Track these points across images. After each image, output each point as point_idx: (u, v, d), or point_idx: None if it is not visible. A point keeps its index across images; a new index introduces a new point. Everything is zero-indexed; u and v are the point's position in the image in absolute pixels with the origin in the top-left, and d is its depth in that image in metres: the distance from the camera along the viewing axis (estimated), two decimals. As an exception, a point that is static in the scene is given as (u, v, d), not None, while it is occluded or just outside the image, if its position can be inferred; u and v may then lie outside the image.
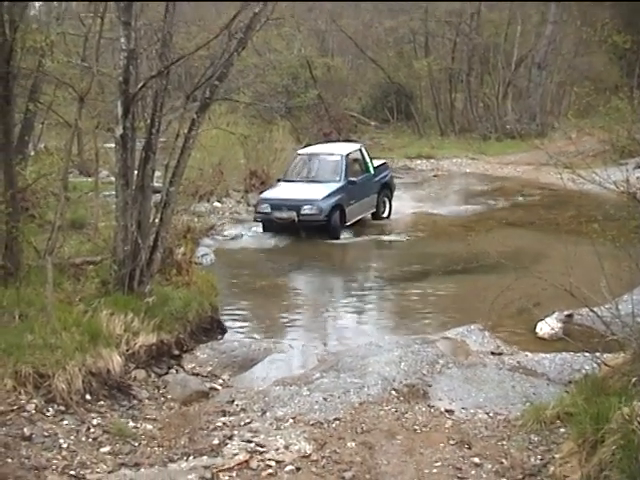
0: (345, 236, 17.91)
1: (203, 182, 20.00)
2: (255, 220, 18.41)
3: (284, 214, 17.52)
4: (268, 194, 18.54)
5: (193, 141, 10.36)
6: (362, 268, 16.17)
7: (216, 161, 20.95)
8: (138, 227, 9.86)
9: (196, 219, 16.41)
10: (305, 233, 17.42)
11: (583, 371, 8.55)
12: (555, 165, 9.19)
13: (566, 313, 10.72)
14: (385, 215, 20.14)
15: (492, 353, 9.87)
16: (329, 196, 17.64)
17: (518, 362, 9.44)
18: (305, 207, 17.39)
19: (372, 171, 19.59)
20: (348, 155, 19.08)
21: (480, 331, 10.70)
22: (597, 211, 8.34)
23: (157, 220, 10.23)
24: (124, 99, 9.48)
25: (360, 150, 19.91)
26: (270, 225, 18.02)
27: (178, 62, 10.85)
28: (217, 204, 20.69)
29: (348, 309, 12.76)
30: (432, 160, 31.37)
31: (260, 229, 18.39)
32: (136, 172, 10.03)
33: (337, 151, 19.71)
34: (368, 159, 19.76)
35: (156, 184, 11.29)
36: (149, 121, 10.01)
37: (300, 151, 20.68)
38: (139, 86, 9.61)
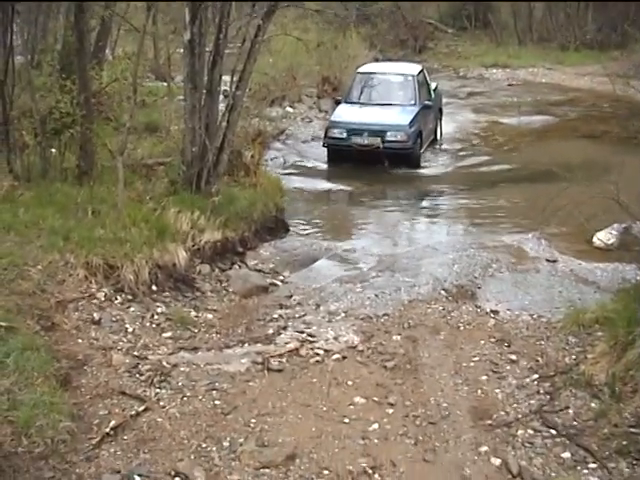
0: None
1: (275, 87, 20.06)
2: (325, 146, 16.23)
3: (366, 140, 15.41)
4: (341, 117, 16.31)
5: (259, 47, 10.63)
6: (431, 177, 15.69)
7: (287, 66, 20.93)
8: (206, 129, 10.20)
9: (268, 123, 16.70)
10: (389, 162, 15.29)
11: (633, 281, 8.74)
12: (632, 77, 9.14)
13: (624, 225, 10.81)
14: (439, 139, 18.35)
15: (546, 260, 10.06)
16: (413, 121, 15.72)
17: (570, 270, 9.63)
18: (391, 133, 15.37)
19: (433, 94, 17.80)
20: (419, 75, 17.36)
21: (537, 239, 10.88)
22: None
23: (224, 123, 10.62)
24: (192, 5, 9.78)
25: (423, 71, 18.15)
26: (341, 154, 15.81)
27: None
28: (289, 109, 20.80)
29: (414, 216, 13.00)
30: (508, 69, 30.82)
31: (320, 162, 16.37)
32: (205, 77, 10.38)
33: (407, 71, 17.85)
34: (429, 81, 18.15)
35: (224, 88, 11.66)
36: (217, 27, 10.30)
37: (361, 69, 18.29)
38: (206, -8, 9.88)
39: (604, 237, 10.68)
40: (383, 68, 18.92)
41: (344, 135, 15.60)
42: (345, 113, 16.43)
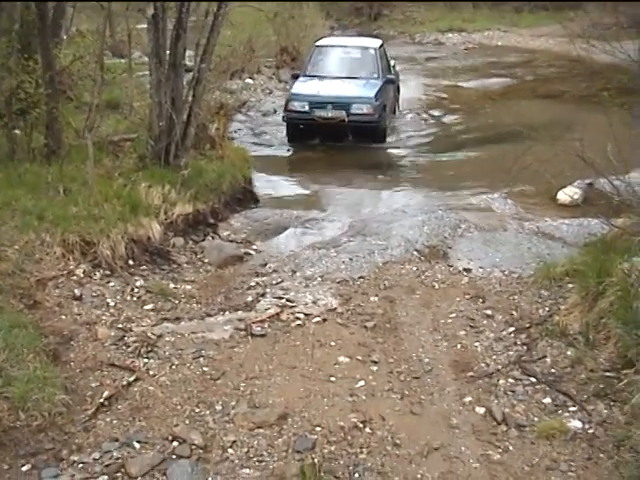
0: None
1: (234, 59, 20.03)
2: (285, 120, 15.59)
3: (330, 113, 14.84)
4: (302, 90, 15.64)
5: (222, 19, 10.66)
6: (393, 144, 15.82)
7: (246, 38, 20.95)
8: (172, 104, 10.23)
9: (229, 96, 16.71)
10: (353, 136, 15.14)
11: (599, 235, 8.97)
12: (587, 37, 9.29)
13: (587, 181, 11.03)
14: (396, 114, 17.87)
15: (513, 218, 10.27)
16: (377, 94, 15.19)
17: (537, 227, 9.84)
18: (356, 105, 14.82)
19: (391, 69, 17.52)
20: (380, 49, 16.92)
21: (503, 198, 11.13)
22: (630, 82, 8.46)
23: (190, 97, 10.65)
24: (154, -21, 9.79)
25: (383, 45, 17.70)
26: (302, 129, 15.36)
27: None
28: (249, 81, 20.84)
29: (380, 181, 13.19)
30: (463, 33, 31.20)
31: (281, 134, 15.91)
32: (168, 51, 10.39)
33: (368, 44, 17.40)
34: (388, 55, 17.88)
35: (188, 63, 11.68)
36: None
37: (319, 43, 17.75)
38: (168, -34, 9.88)
39: (569, 193, 10.92)
40: (343, 41, 18.46)
41: (306, 108, 15.00)
42: (306, 86, 15.77)
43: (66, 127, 10.75)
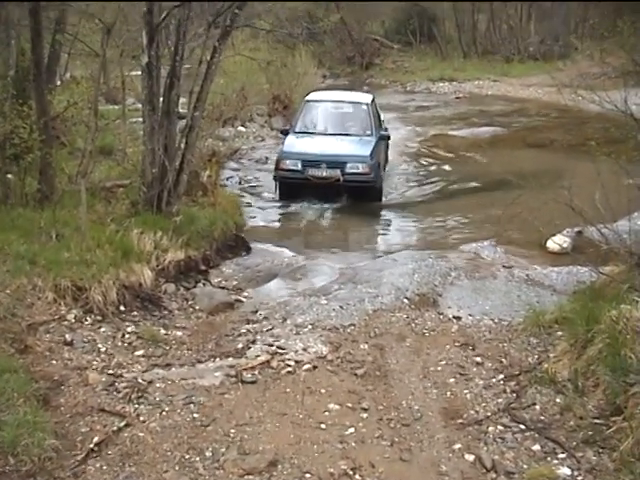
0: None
1: (227, 107, 20.23)
2: (276, 180, 14.75)
3: (324, 172, 14.10)
4: (294, 147, 14.87)
5: (215, 67, 10.82)
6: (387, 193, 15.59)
7: (239, 86, 21.16)
8: (165, 151, 10.36)
9: (221, 143, 16.86)
10: (348, 196, 14.42)
11: (588, 282, 9.05)
12: (576, 87, 9.44)
13: (577, 229, 11.14)
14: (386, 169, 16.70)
15: (503, 266, 10.34)
16: (373, 152, 14.55)
17: (527, 275, 9.93)
18: (352, 164, 14.13)
19: (381, 124, 16.75)
20: (372, 104, 16.31)
21: (493, 246, 11.23)
22: (617, 131, 8.60)
23: (183, 144, 10.76)
24: (149, 29, 9.93)
25: (374, 100, 17.05)
26: (294, 188, 14.58)
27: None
28: (241, 128, 21.01)
29: (371, 229, 13.30)
30: (454, 83, 31.54)
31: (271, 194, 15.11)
32: (162, 99, 10.52)
33: (360, 99, 16.78)
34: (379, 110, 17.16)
35: (181, 110, 11.82)
36: (173, 49, 10.47)
37: (309, 97, 16.95)
38: (162, 16, 10.04)
39: (558, 241, 11.03)
40: (333, 96, 17.64)
41: (299, 167, 14.23)
42: (298, 143, 15.05)
43: (59, 172, 10.85)
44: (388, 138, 16.02)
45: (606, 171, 8.39)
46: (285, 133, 15.90)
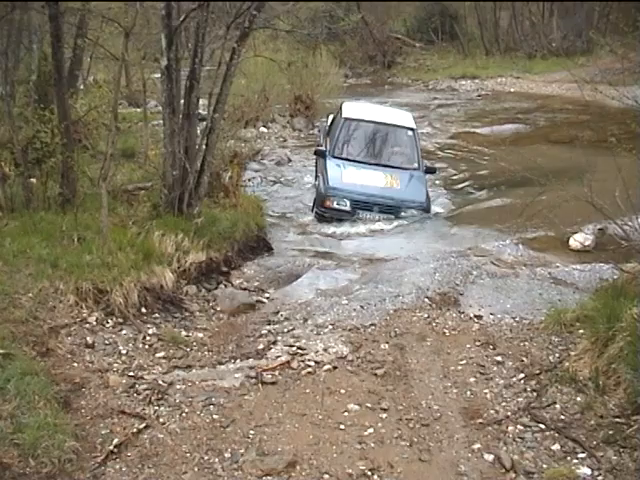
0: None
1: (249, 108, 20.25)
2: (317, 216, 13.37)
3: (377, 216, 13.10)
4: (340, 183, 13.27)
5: (235, 69, 10.82)
6: None
7: (260, 87, 21.17)
8: (185, 153, 10.38)
9: (243, 144, 16.88)
10: None
11: (610, 280, 8.97)
12: (599, 83, 9.36)
13: (599, 227, 11.07)
14: None
15: (525, 264, 10.30)
16: (427, 193, 13.62)
17: (549, 273, 9.85)
18: (408, 211, 13.23)
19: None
20: (416, 129, 14.87)
21: (515, 244, 11.13)
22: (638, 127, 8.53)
23: (203, 146, 10.79)
24: (167, 32, 9.96)
25: (415, 120, 15.51)
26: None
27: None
28: (263, 129, 21.05)
29: (392, 229, 13.20)
30: (476, 80, 31.43)
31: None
32: (182, 101, 10.56)
33: (404, 122, 15.08)
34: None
35: (202, 112, 11.86)
36: (192, 51, 10.49)
37: (347, 112, 15.06)
38: (181, 18, 10.06)
39: (580, 239, 10.96)
40: (374, 114, 15.45)
41: (347, 207, 13.02)
42: (344, 177, 13.48)
43: (81, 176, 10.90)
44: (434, 172, 14.80)
45: (627, 167, 8.31)
46: (321, 155, 14.40)
